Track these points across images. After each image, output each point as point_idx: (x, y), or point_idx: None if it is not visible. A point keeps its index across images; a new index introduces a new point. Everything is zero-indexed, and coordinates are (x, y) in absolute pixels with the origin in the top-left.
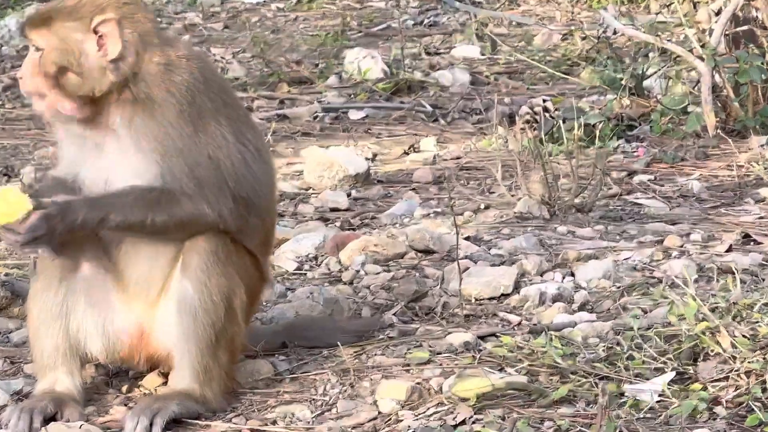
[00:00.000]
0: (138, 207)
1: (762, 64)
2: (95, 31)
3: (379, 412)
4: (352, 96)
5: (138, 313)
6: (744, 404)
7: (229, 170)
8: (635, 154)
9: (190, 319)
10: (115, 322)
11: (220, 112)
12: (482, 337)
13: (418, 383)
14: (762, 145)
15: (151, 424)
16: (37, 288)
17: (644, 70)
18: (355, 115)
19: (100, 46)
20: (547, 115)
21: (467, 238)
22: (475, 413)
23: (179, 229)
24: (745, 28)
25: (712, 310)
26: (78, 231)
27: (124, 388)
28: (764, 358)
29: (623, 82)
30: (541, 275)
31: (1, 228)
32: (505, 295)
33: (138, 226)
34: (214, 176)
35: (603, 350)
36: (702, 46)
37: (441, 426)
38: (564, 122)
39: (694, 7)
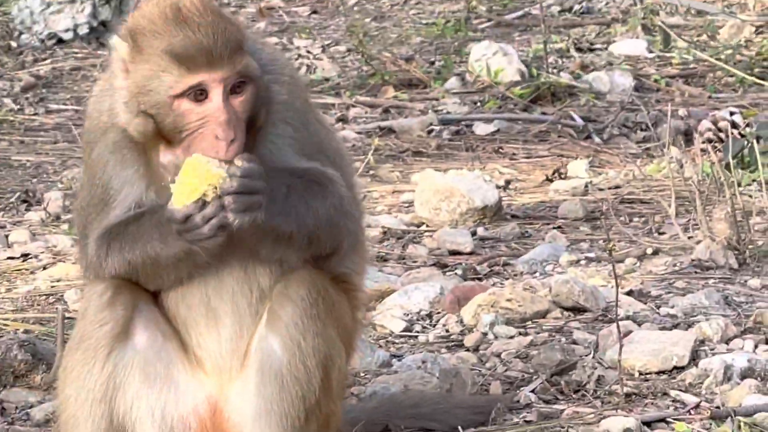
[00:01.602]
0: (311, 188)
1: None
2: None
3: None
4: (479, 104)
5: (211, 386)
6: None
7: (350, 163)
8: None
9: (275, 388)
10: (180, 403)
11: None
12: (648, 423)
13: None
14: None
15: None
16: (76, 360)
17: None
18: (482, 129)
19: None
20: (735, 132)
21: (629, 293)
22: None
23: (329, 224)
24: None
25: None
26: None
27: None
28: None
29: None
30: (727, 343)
31: (218, 193)
32: (679, 369)
33: (313, 215)
34: (347, 168)
35: None
36: None
37: None
38: (758, 142)
39: None
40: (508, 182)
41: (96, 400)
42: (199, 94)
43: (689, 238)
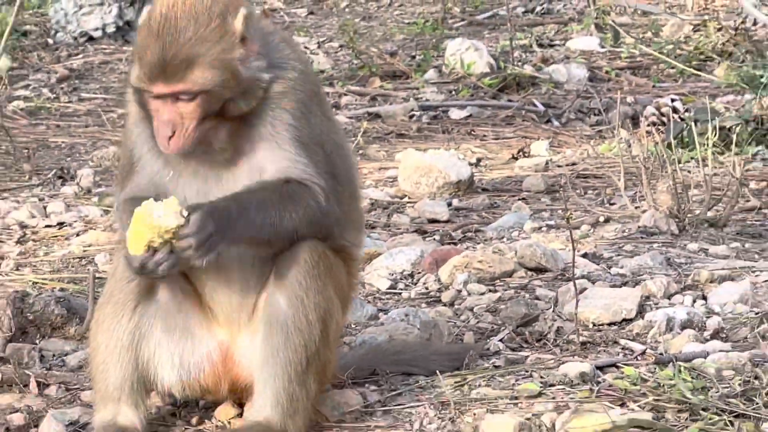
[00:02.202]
0: (275, 201)
1: None
2: (242, 38)
3: None
4: (454, 93)
5: (222, 336)
6: None
7: (348, 158)
8: None
9: (281, 338)
10: (195, 350)
11: (322, 95)
12: (601, 368)
13: (527, 419)
14: None
15: None
16: (106, 313)
17: None
18: (456, 114)
19: (248, 50)
20: (676, 116)
21: (584, 256)
22: None
23: (308, 229)
24: None
25: None
26: (232, 234)
27: (194, 420)
28: None
29: (764, 80)
30: (669, 298)
31: (174, 238)
32: (628, 321)
33: (277, 226)
34: (343, 168)
35: (739, 384)
36: None
37: None
38: (696, 125)
39: None
40: (479, 160)
41: (124, 347)
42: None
43: (636, 207)
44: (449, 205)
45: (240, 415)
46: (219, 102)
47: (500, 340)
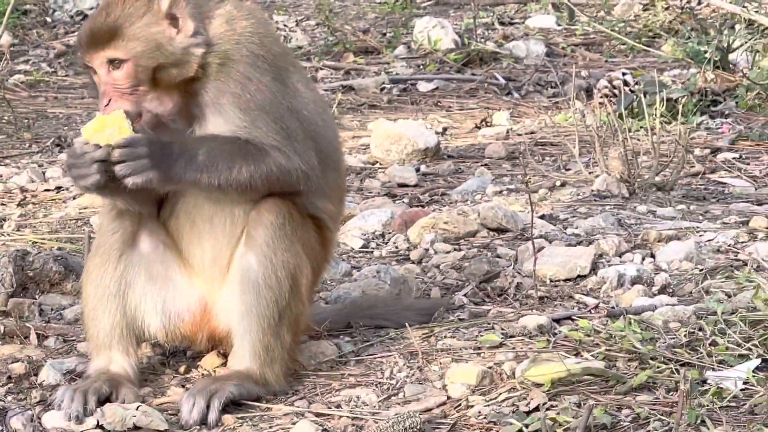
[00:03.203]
0: (226, 152)
1: None
2: (169, 15)
3: (449, 397)
4: (421, 67)
5: (201, 289)
6: None
7: (310, 121)
8: (720, 131)
9: (253, 295)
10: (176, 300)
11: (289, 62)
12: (557, 320)
13: (489, 368)
14: None
15: (207, 406)
16: (94, 264)
17: (730, 42)
18: (424, 87)
19: (177, 27)
20: (626, 89)
21: (542, 217)
22: (549, 399)
23: (265, 185)
24: None
25: None
26: (171, 169)
27: (182, 369)
28: None
29: (708, 56)
30: (620, 256)
31: (111, 150)
32: (582, 277)
33: (224, 175)
34: (299, 129)
35: (684, 335)
36: None
37: (513, 412)
38: (645, 97)
39: None
40: (445, 129)
41: (111, 294)
42: (93, 69)
43: (590, 173)
44: (417, 170)
45: (224, 364)
46: (147, 70)
47: (464, 295)
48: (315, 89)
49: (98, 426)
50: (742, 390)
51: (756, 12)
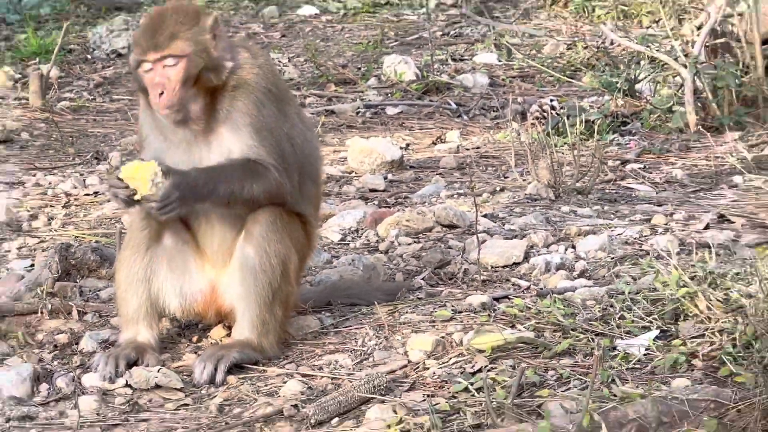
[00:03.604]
0: (239, 176)
1: (736, 71)
2: (212, 32)
3: (409, 361)
4: (389, 95)
5: (210, 275)
6: (717, 358)
7: (300, 148)
8: (628, 146)
9: (251, 279)
10: (191, 284)
11: (288, 96)
12: (497, 299)
13: (442, 337)
14: (735, 140)
15: (215, 369)
16: (126, 255)
17: (636, 75)
18: (391, 111)
19: (216, 42)
20: (553, 112)
21: (485, 216)
22: (490, 363)
23: (265, 199)
24: (722, 40)
25: (692, 278)
26: (197, 199)
27: (194, 339)
28: (735, 319)
29: (618, 86)
30: (547, 247)
31: (143, 198)
32: (516, 264)
33: (237, 195)
34: (292, 153)
35: (598, 311)
36: (685, 56)
37: (461, 373)
38: (568, 118)
39: (680, 22)
40: (407, 145)
41: (139, 280)
42: (147, 67)
43: (523, 180)
44: (385, 178)
45: (228, 335)
46: (196, 69)
47: (422, 279)
48: (305, 119)
49: (127, 385)
50: (644, 355)
51: (657, 50)
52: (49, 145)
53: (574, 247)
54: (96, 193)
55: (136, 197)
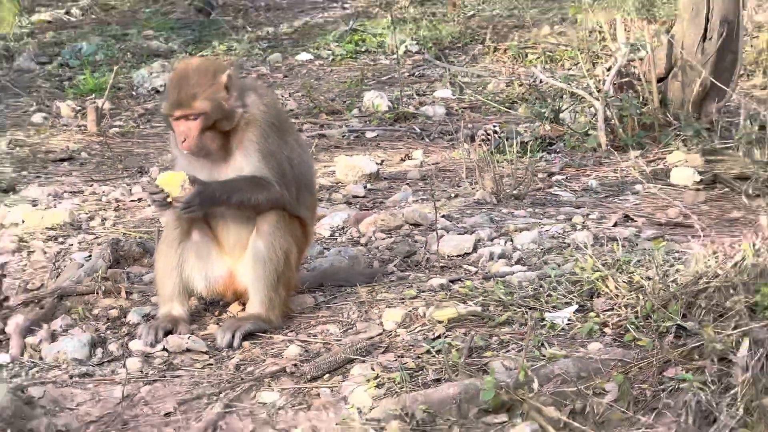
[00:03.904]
0: (248, 188)
1: (637, 103)
2: (225, 87)
3: (384, 330)
4: (368, 122)
5: (229, 263)
6: (623, 327)
7: (297, 167)
8: (553, 162)
9: (261, 266)
10: (214, 270)
11: (288, 126)
12: (452, 281)
13: (410, 311)
14: (637, 157)
15: (233, 336)
16: (162, 248)
17: (560, 106)
18: (370, 134)
19: (228, 94)
20: (496, 135)
21: (443, 216)
22: (447, 331)
23: (268, 206)
24: (626, 79)
25: (603, 265)
26: (213, 204)
27: (216, 313)
28: (637, 296)
29: (546, 115)
30: (491, 241)
31: (174, 200)
32: (467, 254)
33: (246, 202)
34: (290, 171)
35: (531, 290)
36: (598, 91)
37: (424, 339)
38: (507, 140)
39: (593, 65)
40: (382, 161)
41: (173, 267)
42: (175, 119)
43: (473, 189)
44: (365, 187)
45: (243, 310)
46: (211, 121)
47: (394, 266)
48: (302, 143)
49: (164, 349)
50: (567, 324)
51: (576, 87)
52: (103, 162)
53: (512, 240)
54: (139, 200)
55: (169, 200)
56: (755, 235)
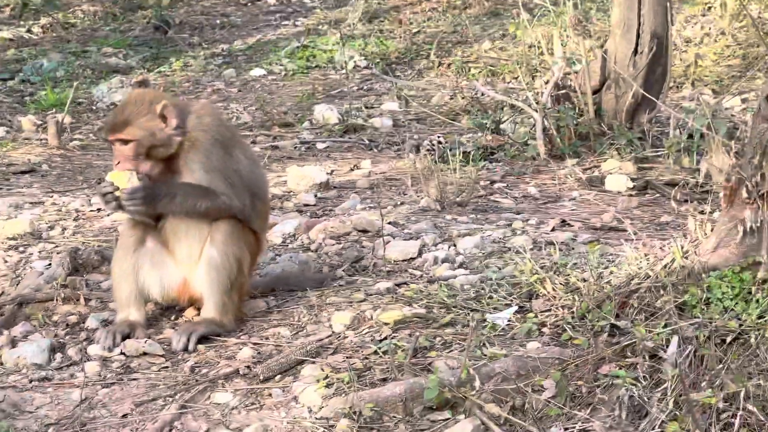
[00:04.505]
0: (193, 194)
1: (573, 114)
2: (161, 115)
3: (333, 332)
4: (319, 134)
5: (183, 270)
6: (560, 326)
7: (246, 177)
8: (495, 170)
9: (215, 273)
10: (169, 277)
11: (234, 140)
12: (398, 285)
13: (357, 314)
14: (573, 165)
15: (188, 340)
16: (119, 254)
17: (500, 118)
18: (320, 145)
19: (166, 122)
20: (440, 145)
21: (389, 223)
22: (393, 332)
23: (216, 214)
24: (563, 91)
25: (542, 267)
26: (157, 199)
27: (172, 318)
28: (573, 298)
29: (487, 126)
30: (435, 246)
31: (121, 193)
32: (413, 259)
33: (191, 208)
34: (239, 182)
35: (473, 293)
36: (537, 103)
37: (371, 341)
38: (451, 150)
39: (533, 78)
40: (332, 171)
41: (128, 273)
42: (111, 143)
43: (418, 196)
44: (315, 196)
45: (198, 314)
46: (144, 148)
47: (342, 271)
48: (251, 155)
49: (121, 353)
50: (507, 325)
51: (516, 99)
52: (63, 174)
53: (455, 245)
54: (98, 210)
55: (117, 194)
56: (683, 238)
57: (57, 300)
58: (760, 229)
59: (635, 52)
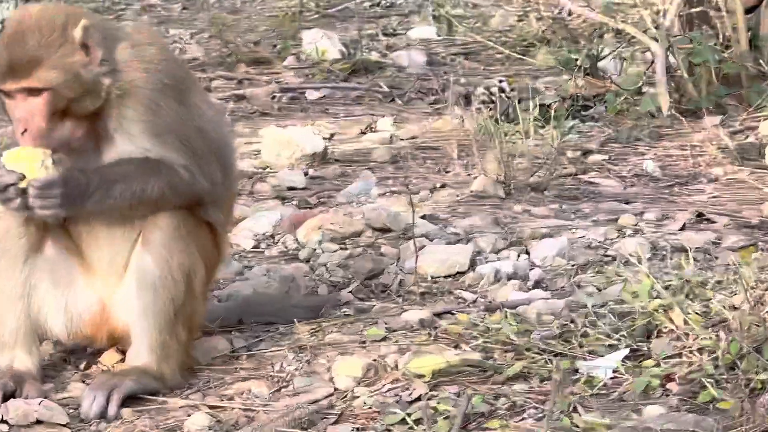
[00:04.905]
0: (139, 174)
1: (715, 44)
2: (83, 44)
3: (336, 389)
4: (310, 76)
5: (100, 291)
6: (696, 381)
7: (212, 139)
8: (590, 134)
9: (150, 294)
10: (78, 302)
11: (190, 81)
12: (438, 315)
13: (374, 360)
14: (715, 125)
15: (107, 401)
16: (1, 268)
17: (599, 50)
18: (312, 95)
19: (89, 55)
20: (502, 95)
21: (423, 217)
22: (430, 390)
23: (174, 201)
24: (698, 9)
25: (666, 288)
26: (85, 198)
27: (82, 365)
28: (716, 335)
29: (578, 63)
30: (497, 253)
31: (29, 183)
32: (461, 273)
33: (137, 197)
34: (204, 147)
35: (557, 327)
36: (656, 27)
37: (397, 402)
38: (519, 102)
39: None
40: (332, 135)
41: (16, 297)
42: (8, 95)
43: (468, 175)
44: (306, 174)
45: (123, 360)
46: (64, 100)
47: (350, 292)
48: (212, 105)
49: (2, 421)
50: (611, 378)
51: (623, 22)
52: None
53: (528, 252)
54: None
55: (23, 184)
56: None
57: None
58: None
59: None
